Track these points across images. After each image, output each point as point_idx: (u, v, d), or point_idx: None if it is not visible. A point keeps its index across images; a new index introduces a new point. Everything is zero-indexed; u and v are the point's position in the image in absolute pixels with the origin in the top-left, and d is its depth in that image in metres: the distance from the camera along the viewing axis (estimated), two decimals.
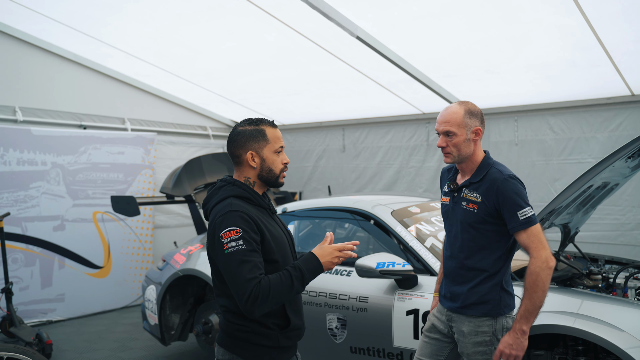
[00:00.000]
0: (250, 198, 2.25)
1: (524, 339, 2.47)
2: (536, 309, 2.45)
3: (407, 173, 7.40)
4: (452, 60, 5.55)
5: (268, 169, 2.30)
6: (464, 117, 2.59)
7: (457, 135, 2.58)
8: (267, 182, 2.33)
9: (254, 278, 2.06)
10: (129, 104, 7.66)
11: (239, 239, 2.09)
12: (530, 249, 2.43)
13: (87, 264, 6.93)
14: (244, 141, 2.28)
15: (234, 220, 2.13)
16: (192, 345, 5.59)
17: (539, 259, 2.41)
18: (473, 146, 2.61)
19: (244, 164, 2.29)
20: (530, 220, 2.43)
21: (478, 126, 2.60)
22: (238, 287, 2.07)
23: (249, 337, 2.21)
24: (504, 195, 2.47)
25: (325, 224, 4.66)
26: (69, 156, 6.73)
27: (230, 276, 2.09)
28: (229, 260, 2.09)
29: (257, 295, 2.04)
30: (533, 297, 2.42)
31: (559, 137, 6.14)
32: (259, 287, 2.05)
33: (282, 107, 7.94)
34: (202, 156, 5.93)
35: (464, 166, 2.67)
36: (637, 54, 4.79)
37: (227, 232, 2.10)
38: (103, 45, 6.47)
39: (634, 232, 5.70)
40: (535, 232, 2.44)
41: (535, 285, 2.41)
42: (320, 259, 2.18)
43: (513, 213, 2.45)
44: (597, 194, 3.90)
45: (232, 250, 2.08)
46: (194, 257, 4.80)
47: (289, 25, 5.16)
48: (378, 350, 3.57)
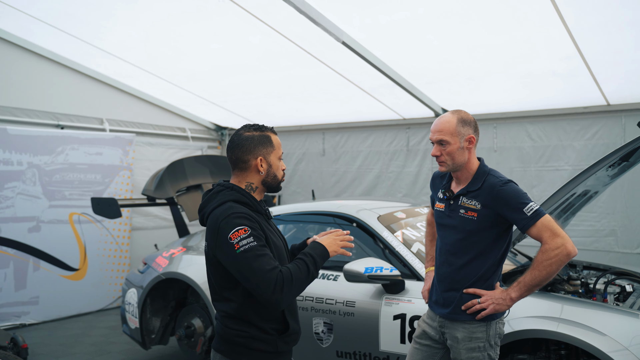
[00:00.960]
0: (248, 203, 2.25)
1: (508, 303, 2.53)
2: (533, 286, 2.48)
3: (386, 178, 7.46)
4: (435, 67, 5.63)
5: (273, 174, 2.32)
6: (457, 126, 2.62)
7: (451, 143, 2.61)
8: (269, 188, 2.34)
9: (274, 268, 2.08)
10: (107, 104, 7.55)
11: (249, 236, 2.09)
12: (544, 239, 2.43)
13: (63, 266, 6.80)
14: (253, 147, 2.27)
15: (238, 220, 2.13)
16: (172, 349, 5.54)
17: (552, 244, 2.41)
18: (467, 154, 2.64)
19: (251, 169, 2.29)
20: (537, 212, 2.45)
21: (471, 134, 2.63)
22: (261, 280, 2.05)
23: (247, 343, 2.20)
24: (505, 199, 2.50)
25: (309, 228, 4.66)
26: (45, 156, 6.60)
27: (248, 273, 2.07)
28: (244, 258, 2.07)
29: (283, 283, 2.06)
30: (536, 274, 2.45)
31: (536, 144, 6.27)
32: (282, 275, 2.08)
33: (263, 110, 7.92)
34: (184, 159, 5.89)
35: (459, 174, 2.70)
36: (615, 65, 4.92)
37: (235, 232, 2.09)
38: (83, 44, 6.36)
39: (608, 239, 5.85)
40: (545, 223, 2.44)
41: (539, 265, 2.44)
42: (324, 244, 2.26)
43: (519, 212, 2.47)
44: (577, 201, 4.00)
45: (245, 248, 2.07)
46: (177, 260, 4.76)
47: (275, 28, 5.17)
48: (364, 355, 3.59)
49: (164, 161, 8.05)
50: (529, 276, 2.47)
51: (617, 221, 5.82)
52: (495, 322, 2.62)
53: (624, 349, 2.76)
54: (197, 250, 4.87)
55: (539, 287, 2.50)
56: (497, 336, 2.63)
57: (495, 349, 2.65)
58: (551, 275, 2.45)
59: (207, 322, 4.57)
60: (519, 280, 2.52)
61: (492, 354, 2.63)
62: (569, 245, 2.41)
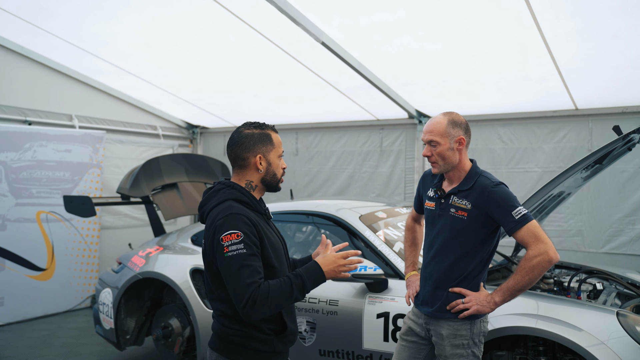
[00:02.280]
0: (248, 202, 2.24)
1: (492, 307, 2.59)
2: (517, 291, 2.54)
3: (360, 178, 7.52)
4: (411, 70, 5.71)
5: (272, 173, 2.31)
6: (447, 127, 2.67)
7: (441, 144, 2.66)
8: (268, 186, 2.33)
9: (253, 282, 2.06)
10: (77, 101, 7.39)
11: (240, 242, 2.08)
12: (528, 244, 2.50)
13: (29, 266, 6.62)
14: (252, 144, 2.27)
15: (235, 223, 2.11)
16: (145, 350, 5.46)
17: (535, 251, 2.47)
18: (458, 155, 2.69)
19: (250, 167, 2.28)
20: (525, 217, 2.51)
21: (461, 136, 2.68)
22: (237, 291, 2.06)
23: (245, 342, 2.20)
24: (496, 201, 2.56)
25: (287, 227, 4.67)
26: (12, 153, 6.42)
27: (229, 279, 2.08)
28: (229, 264, 2.07)
29: (255, 300, 2.03)
30: (518, 279, 2.51)
31: (507, 146, 6.43)
32: (258, 292, 2.05)
33: (235, 109, 7.88)
34: (160, 157, 5.82)
35: (451, 174, 2.75)
36: (584, 71, 5.10)
37: (228, 235, 2.09)
38: (52, 38, 6.20)
39: (575, 239, 6.05)
40: (531, 228, 2.50)
41: (522, 270, 2.50)
42: (322, 267, 2.18)
43: (508, 214, 2.53)
44: (551, 203, 4.14)
45: (233, 254, 2.07)
46: (153, 260, 4.70)
47: (255, 27, 5.15)
48: (347, 353, 3.62)
49: (134, 159, 7.93)
50: (512, 281, 2.54)
51: (583, 222, 6.03)
52: (479, 321, 2.68)
53: (601, 343, 2.87)
54: (173, 250, 4.82)
55: (522, 291, 2.56)
56: (481, 334, 2.69)
57: (479, 347, 2.71)
58: (533, 281, 2.51)
59: (185, 322, 4.53)
60: (503, 285, 2.58)
61: (476, 351, 2.69)
62: (550, 252, 2.47)
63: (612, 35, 4.40)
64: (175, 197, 5.68)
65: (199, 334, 4.22)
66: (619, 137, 3.36)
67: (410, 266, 3.14)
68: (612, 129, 3.39)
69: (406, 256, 3.20)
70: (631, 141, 3.62)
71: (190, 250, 4.73)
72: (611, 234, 5.89)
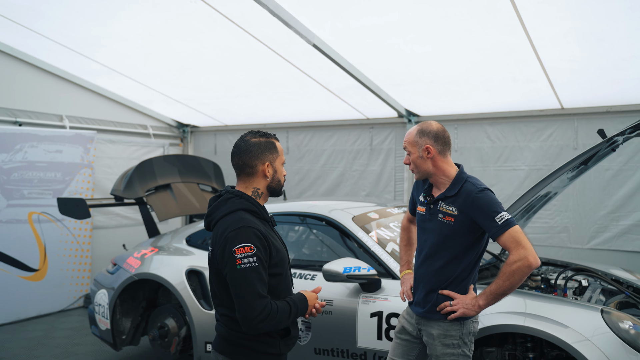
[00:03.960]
0: (257, 212, 2.32)
1: (476, 310, 2.69)
2: (499, 294, 2.64)
3: (350, 176, 7.61)
4: (401, 71, 5.80)
5: (277, 180, 2.41)
6: (415, 136, 2.80)
7: (412, 153, 2.81)
8: (273, 192, 2.43)
9: (265, 297, 2.17)
10: (67, 101, 7.39)
11: (253, 256, 2.16)
12: (509, 249, 2.59)
13: (22, 267, 6.64)
14: (260, 152, 2.34)
15: (248, 236, 2.18)
16: (141, 350, 5.52)
17: (515, 256, 2.55)
18: (431, 163, 2.78)
19: (258, 174, 2.35)
20: (508, 222, 2.59)
21: (428, 144, 2.76)
22: (248, 302, 2.14)
23: (254, 346, 2.29)
24: (479, 207, 2.64)
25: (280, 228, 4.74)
26: (3, 154, 6.42)
27: (241, 290, 2.15)
28: (242, 276, 2.15)
29: (269, 313, 2.16)
30: (500, 284, 2.61)
31: (495, 145, 6.55)
32: (271, 306, 2.17)
33: (226, 108, 7.93)
34: (153, 158, 5.85)
35: (436, 180, 2.85)
36: (570, 72, 5.21)
37: (242, 247, 2.16)
38: (41, 39, 6.19)
39: (561, 235, 6.19)
40: (512, 234, 2.57)
41: (503, 275, 2.59)
42: (309, 302, 2.41)
43: (491, 219, 2.60)
44: (539, 202, 4.25)
45: (246, 267, 2.15)
46: (149, 261, 4.75)
47: (246, 30, 5.20)
48: (342, 351, 3.71)
49: (125, 158, 7.95)
50: (495, 285, 2.63)
51: (569, 219, 6.17)
52: (469, 321, 2.78)
53: (586, 339, 2.98)
54: (168, 251, 4.88)
55: (505, 295, 2.65)
56: (470, 334, 2.79)
57: (469, 346, 2.81)
58: (514, 285, 2.59)
59: (181, 322, 4.60)
60: (486, 289, 2.67)
61: (466, 351, 2.79)
62: (530, 258, 2.54)
63: (597, 39, 4.52)
64: (168, 198, 5.73)
65: (195, 334, 4.29)
66: (603, 140, 3.47)
67: (405, 265, 3.24)
68: (597, 132, 3.50)
69: (401, 255, 3.29)
70: (615, 143, 3.74)
71: (185, 251, 4.79)
72: (596, 231, 6.03)
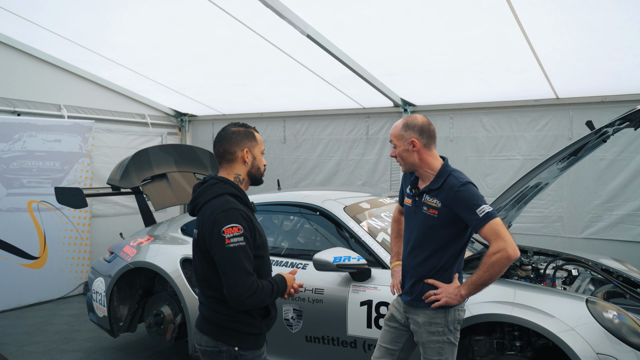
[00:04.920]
0: (240, 197, 2.44)
1: (458, 299, 2.75)
2: (480, 285, 2.69)
3: (347, 165, 7.65)
4: (396, 60, 5.82)
5: (257, 167, 2.53)
6: (401, 130, 2.85)
7: (398, 146, 2.86)
8: (253, 180, 2.55)
9: (253, 274, 2.30)
10: (65, 90, 7.42)
11: (240, 236, 2.29)
12: (489, 241, 2.64)
13: (22, 255, 6.72)
14: (239, 140, 2.48)
15: (236, 217, 2.31)
16: (139, 336, 5.60)
17: (495, 247, 2.60)
18: (416, 156, 2.83)
19: (238, 160, 2.49)
20: (488, 215, 2.63)
21: (414, 138, 2.81)
22: (237, 279, 2.26)
23: (237, 327, 2.40)
24: (461, 200, 2.69)
25: (274, 218, 4.80)
26: (2, 144, 6.47)
27: (230, 269, 2.27)
28: (230, 255, 2.28)
29: (255, 290, 2.30)
30: (480, 274, 2.66)
31: (490, 134, 6.57)
32: (258, 284, 2.31)
33: (223, 98, 7.96)
34: (149, 148, 5.90)
35: (421, 173, 2.89)
36: (564, 62, 5.23)
37: (230, 228, 2.28)
38: (39, 29, 6.23)
39: (555, 225, 6.23)
40: (493, 226, 2.61)
41: (484, 266, 2.64)
42: (287, 283, 2.56)
43: (472, 213, 2.65)
44: (530, 192, 4.29)
45: (234, 246, 2.27)
46: (145, 250, 4.81)
47: (240, 20, 5.22)
48: (332, 339, 3.78)
49: (123, 147, 8.00)
50: (475, 276, 2.68)
51: (563, 208, 6.21)
52: (454, 310, 2.83)
53: (571, 329, 3.04)
54: (164, 239, 4.94)
55: (485, 286, 2.70)
56: (456, 322, 2.85)
57: (454, 334, 2.87)
58: (494, 276, 2.64)
59: (176, 310, 4.67)
60: (468, 279, 2.73)
61: (451, 338, 2.85)
62: (509, 249, 2.58)
63: (589, 30, 4.53)
64: (165, 187, 5.78)
65: (190, 321, 4.36)
66: (591, 132, 3.50)
67: (395, 256, 3.28)
68: (585, 124, 3.53)
69: (391, 247, 3.34)
70: (605, 134, 3.77)
71: (181, 240, 4.86)
72: (590, 220, 6.08)
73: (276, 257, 4.22)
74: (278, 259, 4.19)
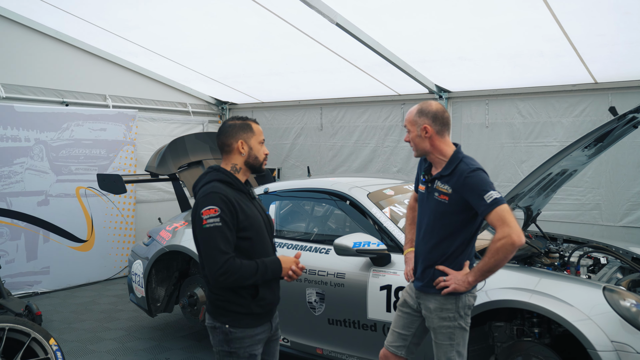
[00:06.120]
0: (231, 183, 2.59)
1: (466, 286, 2.79)
2: (486, 271, 2.73)
3: (382, 152, 7.67)
4: (427, 48, 5.80)
5: (254, 156, 2.67)
6: (415, 116, 2.89)
7: (411, 131, 2.90)
8: (252, 168, 2.70)
9: (227, 252, 2.44)
10: (110, 81, 7.75)
11: (217, 217, 2.44)
12: (495, 227, 2.67)
13: (71, 238, 7.11)
14: (234, 132, 2.64)
15: (214, 200, 2.47)
16: (176, 317, 5.87)
17: (500, 234, 2.64)
18: (429, 142, 2.87)
19: (234, 151, 2.64)
20: (496, 201, 2.65)
21: (426, 124, 2.84)
22: (212, 258, 2.43)
23: (225, 305, 2.56)
24: (470, 186, 2.72)
25: (305, 204, 4.91)
26: (51, 132, 6.84)
27: (206, 248, 2.45)
28: (206, 234, 2.44)
29: (228, 269, 2.42)
30: (486, 261, 2.70)
31: (526, 120, 6.46)
32: (232, 263, 2.44)
33: (261, 87, 8.10)
34: (185, 136, 6.12)
35: (433, 159, 2.93)
36: (600, 46, 5.09)
37: (207, 210, 2.45)
38: (84, 23, 6.53)
39: (593, 212, 6.09)
40: (499, 212, 2.64)
41: (489, 252, 2.68)
42: (282, 264, 2.63)
43: (480, 198, 2.68)
44: (557, 179, 4.23)
45: (210, 226, 2.43)
46: (179, 234, 5.03)
47: (271, 10, 5.32)
48: (353, 322, 3.88)
49: (166, 136, 8.28)
50: (482, 263, 2.71)
51: (601, 195, 6.06)
52: (464, 295, 2.87)
53: (587, 318, 3.02)
54: None
55: (492, 273, 2.73)
56: (466, 307, 2.88)
57: (465, 319, 2.91)
58: (500, 262, 2.66)
59: None
60: (475, 266, 2.78)
61: (462, 323, 2.89)
62: (514, 236, 2.60)
63: (623, 12, 4.40)
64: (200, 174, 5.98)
65: None
66: (614, 118, 3.43)
67: (409, 243, 3.33)
68: (608, 109, 3.46)
69: (405, 234, 3.39)
70: (635, 119, 3.68)
71: None
72: (629, 208, 5.91)
73: (305, 242, 4.34)
74: (306, 244, 4.31)
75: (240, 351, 2.56)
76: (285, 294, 4.09)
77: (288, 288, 4.07)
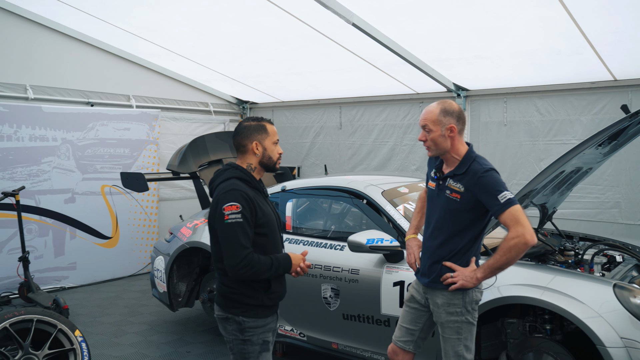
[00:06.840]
0: (249, 181, 2.73)
1: (474, 282, 2.84)
2: (496, 268, 2.78)
3: (401, 150, 7.72)
4: (443, 47, 5.83)
5: (268, 156, 2.79)
6: (439, 115, 2.89)
7: (433, 131, 2.90)
8: (266, 168, 2.82)
9: (247, 247, 2.57)
10: (133, 82, 7.95)
11: (238, 213, 2.57)
12: (509, 227, 2.72)
13: (97, 235, 7.32)
14: (249, 133, 2.76)
15: (235, 197, 2.60)
16: (197, 311, 6.01)
17: (513, 233, 2.69)
18: (450, 142, 2.91)
19: (249, 152, 2.77)
20: (509, 201, 2.71)
21: (452, 124, 2.88)
22: (233, 252, 2.55)
23: (239, 298, 2.69)
24: (484, 186, 2.78)
25: (321, 201, 4.99)
26: (77, 132, 7.05)
27: (226, 241, 2.57)
28: (228, 229, 2.57)
29: (249, 262, 2.56)
30: (497, 258, 2.75)
31: (545, 119, 6.44)
32: (252, 257, 2.57)
33: (281, 86, 8.22)
34: (205, 135, 6.25)
35: (447, 157, 2.98)
36: (617, 43, 5.06)
37: (229, 205, 2.57)
38: (108, 26, 6.72)
39: (612, 211, 6.05)
40: (513, 212, 2.70)
41: (501, 250, 2.73)
42: (292, 261, 2.78)
43: (494, 198, 2.74)
44: (572, 177, 4.24)
45: (232, 222, 2.56)
46: (200, 231, 5.15)
47: (288, 11, 5.42)
48: (368, 317, 3.95)
49: (188, 135, 8.45)
50: (492, 260, 2.76)
51: (621, 194, 6.01)
52: (471, 291, 2.92)
53: (598, 315, 3.05)
54: None
55: (502, 270, 2.79)
56: (473, 302, 2.94)
57: (472, 314, 2.96)
58: (511, 260, 2.72)
59: None
60: (485, 263, 2.82)
61: (469, 318, 2.95)
62: (527, 235, 2.66)
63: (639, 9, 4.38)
64: None
65: None
66: (626, 116, 3.44)
67: (412, 229, 3.38)
68: (620, 107, 3.47)
69: (412, 220, 3.44)
70: None
71: None
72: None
73: (321, 239, 4.42)
74: (322, 240, 4.39)
75: (254, 338, 2.69)
76: (302, 290, 4.23)
77: (304, 284, 4.18)
